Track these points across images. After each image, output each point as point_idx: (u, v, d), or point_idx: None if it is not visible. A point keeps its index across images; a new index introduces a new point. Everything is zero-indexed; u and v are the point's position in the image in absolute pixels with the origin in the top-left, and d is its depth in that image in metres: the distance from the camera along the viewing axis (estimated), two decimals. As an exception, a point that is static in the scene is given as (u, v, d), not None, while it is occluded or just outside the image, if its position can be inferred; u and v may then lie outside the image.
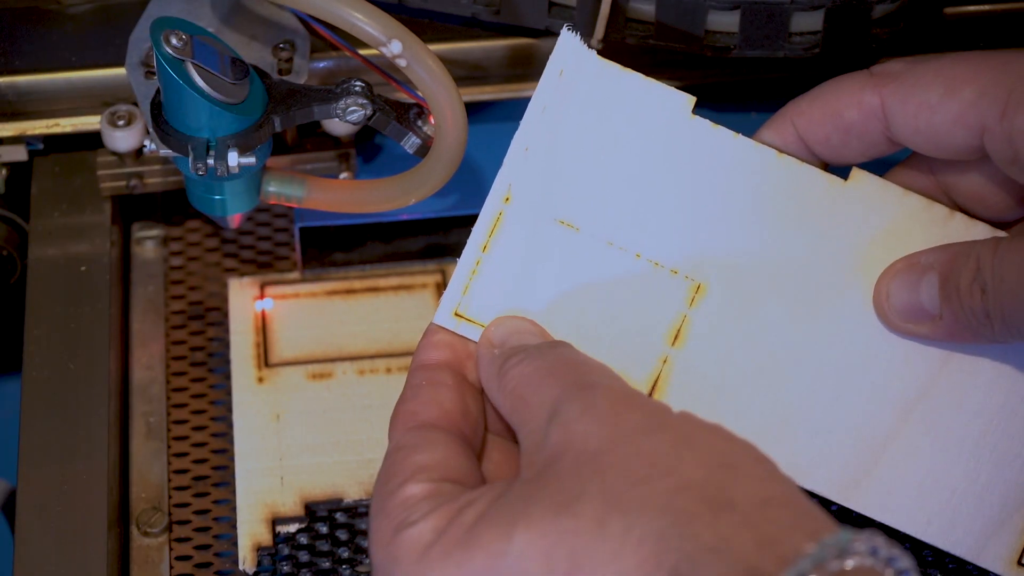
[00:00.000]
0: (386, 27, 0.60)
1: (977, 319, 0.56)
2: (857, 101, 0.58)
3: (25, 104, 0.73)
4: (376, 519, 0.53)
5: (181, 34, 0.59)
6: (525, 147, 0.59)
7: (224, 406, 0.70)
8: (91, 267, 0.72)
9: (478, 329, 0.58)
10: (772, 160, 0.59)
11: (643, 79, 0.59)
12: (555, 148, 0.59)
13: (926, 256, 0.58)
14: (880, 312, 0.59)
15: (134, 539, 0.66)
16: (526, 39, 0.74)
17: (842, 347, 0.59)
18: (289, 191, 0.65)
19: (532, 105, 0.59)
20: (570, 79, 0.59)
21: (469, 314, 0.59)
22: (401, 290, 0.74)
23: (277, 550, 0.65)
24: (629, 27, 0.70)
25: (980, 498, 0.59)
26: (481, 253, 0.59)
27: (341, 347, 0.72)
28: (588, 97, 0.59)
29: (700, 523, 0.47)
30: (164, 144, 0.62)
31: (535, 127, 0.59)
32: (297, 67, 0.68)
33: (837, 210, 0.59)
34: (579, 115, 0.59)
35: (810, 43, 0.69)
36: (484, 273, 0.59)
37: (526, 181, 0.59)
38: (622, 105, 0.59)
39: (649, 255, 0.59)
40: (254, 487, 0.67)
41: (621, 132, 0.59)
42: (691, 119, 0.59)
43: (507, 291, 0.59)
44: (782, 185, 0.59)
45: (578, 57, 0.59)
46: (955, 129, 0.56)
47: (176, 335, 0.73)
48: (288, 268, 0.75)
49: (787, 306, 0.59)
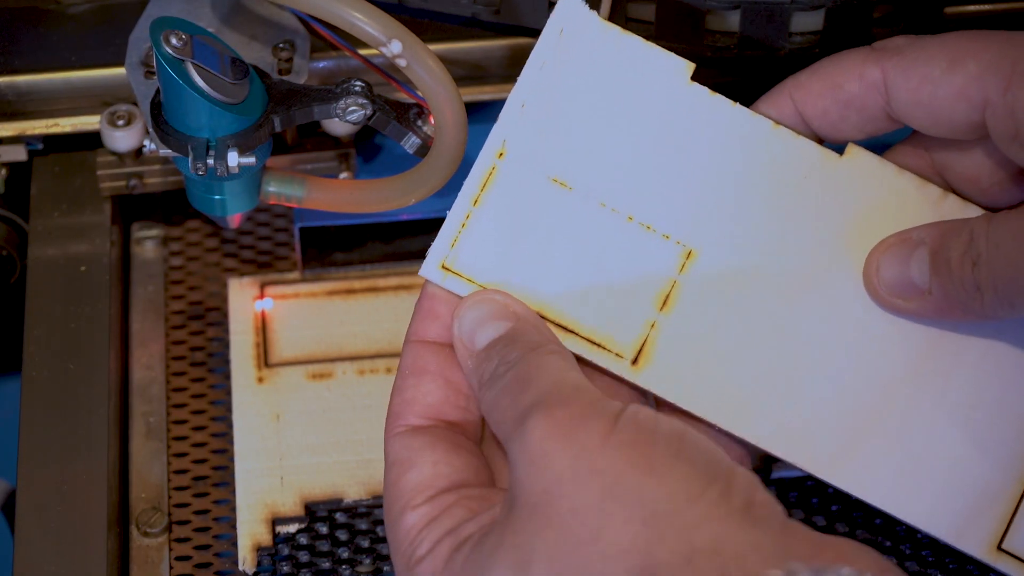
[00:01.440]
0: (386, 27, 0.60)
1: (967, 292, 0.56)
2: (858, 74, 0.58)
3: (25, 104, 0.73)
4: (392, 550, 0.55)
5: (181, 34, 0.59)
6: (521, 103, 0.58)
7: (224, 406, 0.70)
8: (91, 267, 0.72)
9: (464, 283, 0.58)
10: (768, 131, 0.59)
11: (643, 43, 0.59)
12: (551, 106, 0.58)
13: (918, 232, 0.58)
14: (869, 286, 0.58)
15: (134, 539, 0.66)
16: (526, 39, 0.74)
17: (830, 323, 0.59)
18: (289, 191, 0.65)
19: (531, 61, 0.59)
20: (570, 38, 0.58)
21: (456, 267, 0.58)
22: (401, 290, 0.74)
23: (277, 550, 0.65)
24: (629, 27, 0.70)
25: (962, 481, 0.58)
26: (472, 207, 0.58)
27: (341, 347, 0.72)
28: (587, 57, 0.59)
29: None
30: (164, 144, 0.62)
31: (532, 83, 0.58)
32: (297, 67, 0.68)
33: (830, 184, 0.59)
34: (577, 74, 0.58)
35: (810, 43, 0.69)
36: (473, 227, 0.58)
37: (521, 137, 0.58)
38: (621, 67, 0.59)
39: (642, 218, 0.59)
40: (254, 487, 0.67)
41: (619, 94, 0.59)
42: (689, 85, 0.59)
43: (496, 246, 0.58)
44: (777, 156, 0.59)
45: (579, 16, 0.58)
46: (957, 103, 0.56)
47: (176, 335, 0.73)
48: (288, 268, 0.75)
49: (777, 278, 0.59)
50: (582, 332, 0.58)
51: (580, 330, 0.58)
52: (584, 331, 0.58)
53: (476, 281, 0.58)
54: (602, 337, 0.58)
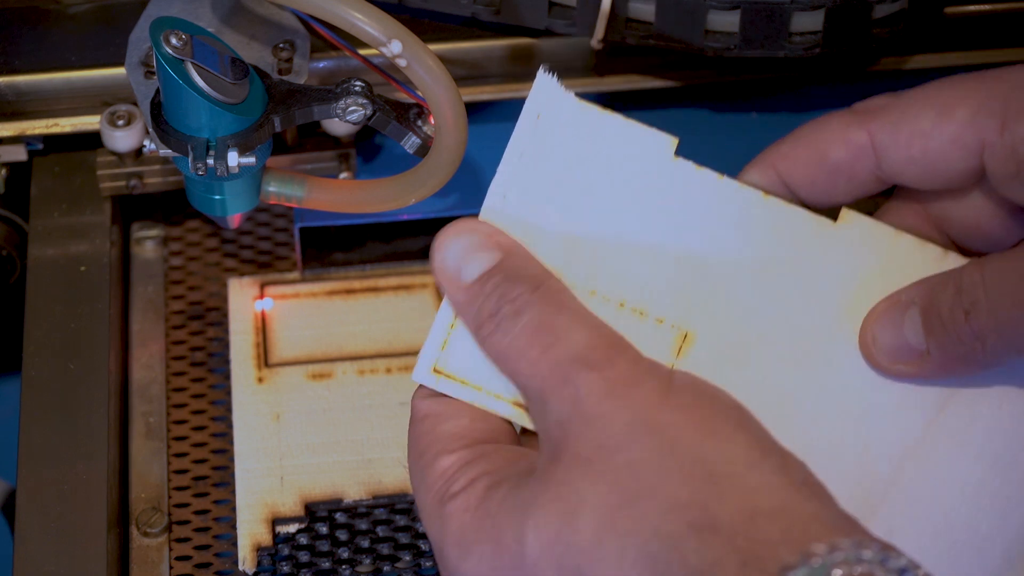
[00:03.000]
0: (386, 27, 0.60)
1: (965, 343, 0.54)
2: (843, 140, 0.56)
3: (25, 104, 0.73)
4: (420, 493, 0.54)
5: (181, 34, 0.59)
6: (503, 194, 0.56)
7: (224, 406, 0.70)
8: (91, 267, 0.72)
9: (459, 386, 0.56)
10: (758, 202, 0.57)
11: (624, 121, 0.57)
12: (533, 195, 0.56)
13: (907, 292, 0.56)
14: (868, 356, 0.57)
15: (134, 539, 0.66)
16: (526, 39, 0.74)
17: (835, 395, 0.57)
18: (289, 191, 0.65)
19: (509, 151, 0.56)
20: (547, 123, 0.56)
21: (449, 370, 0.56)
22: (401, 290, 0.74)
23: (277, 550, 0.65)
24: (629, 27, 0.70)
25: (981, 549, 0.57)
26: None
27: (341, 347, 0.72)
28: (567, 141, 0.56)
29: (687, 548, 0.47)
30: (164, 144, 0.62)
31: (513, 173, 0.56)
32: (297, 67, 0.68)
33: (827, 253, 0.57)
34: (558, 160, 0.56)
35: (810, 43, 0.69)
36: (463, 327, 0.55)
37: (505, 229, 0.56)
38: (602, 148, 0.57)
39: (634, 304, 0.56)
40: (254, 487, 0.67)
41: (602, 176, 0.57)
42: (674, 161, 0.57)
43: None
44: (769, 228, 0.57)
45: (556, 100, 0.56)
46: (952, 152, 0.55)
47: (176, 335, 0.73)
48: (288, 268, 0.75)
49: (777, 353, 0.57)
50: None
51: None
52: None
53: (469, 383, 0.56)
54: None
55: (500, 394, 0.56)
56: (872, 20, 0.69)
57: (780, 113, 0.76)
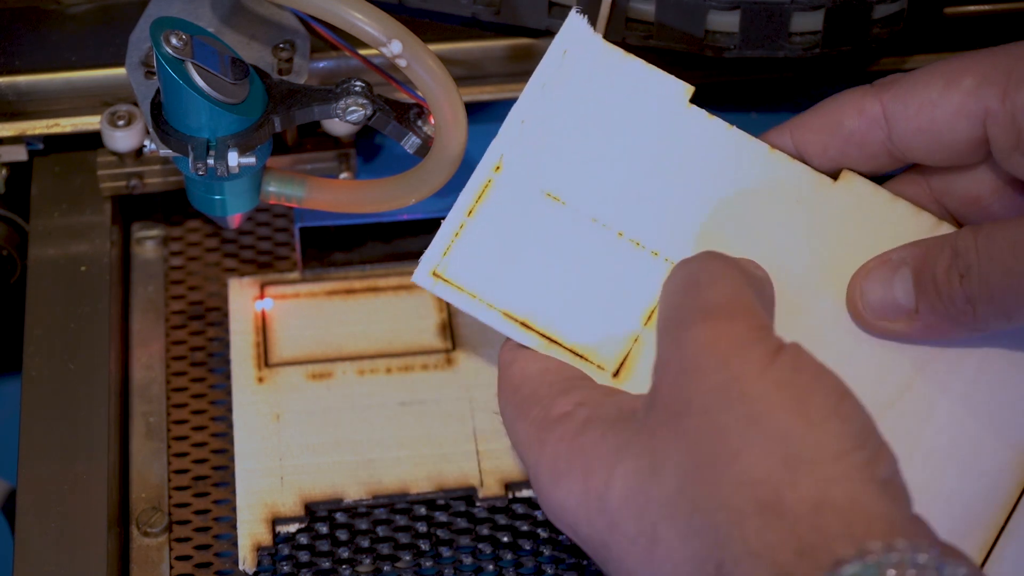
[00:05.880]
0: (386, 27, 0.60)
1: (957, 306, 0.56)
2: (858, 109, 0.58)
3: (25, 104, 0.73)
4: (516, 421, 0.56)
5: (181, 34, 0.59)
6: (521, 120, 0.59)
7: (224, 406, 0.70)
8: (91, 267, 0.72)
9: (454, 291, 0.59)
10: (763, 154, 0.60)
11: (644, 65, 0.60)
12: (550, 124, 0.59)
13: (898, 252, 0.58)
14: (854, 312, 0.58)
15: (134, 539, 0.66)
16: (526, 39, 0.74)
17: (815, 348, 0.57)
18: (289, 191, 0.65)
19: (532, 81, 0.60)
20: (573, 60, 0.60)
21: (447, 275, 0.59)
22: (401, 290, 0.74)
23: (277, 550, 0.65)
24: (629, 27, 0.70)
25: (942, 510, 0.58)
26: (466, 217, 0.59)
27: (341, 347, 0.72)
28: (588, 78, 0.60)
29: (750, 526, 0.47)
30: (164, 144, 0.62)
31: (533, 102, 0.59)
32: (297, 67, 0.68)
33: (822, 209, 0.59)
34: (578, 95, 0.59)
35: (810, 43, 0.69)
36: (466, 237, 0.59)
37: (518, 153, 0.59)
38: (621, 89, 0.60)
39: (631, 234, 0.59)
40: (254, 487, 0.67)
41: (617, 114, 0.60)
42: (687, 108, 0.60)
43: (487, 257, 0.59)
44: (770, 179, 0.59)
45: (583, 38, 0.60)
46: (957, 121, 0.57)
47: (176, 335, 0.73)
48: (288, 268, 0.75)
49: None
50: (565, 343, 0.59)
51: (564, 341, 0.58)
52: (568, 343, 0.58)
53: (465, 289, 0.59)
54: (585, 349, 0.58)
55: (492, 303, 0.59)
56: (872, 20, 0.69)
57: (780, 113, 0.76)
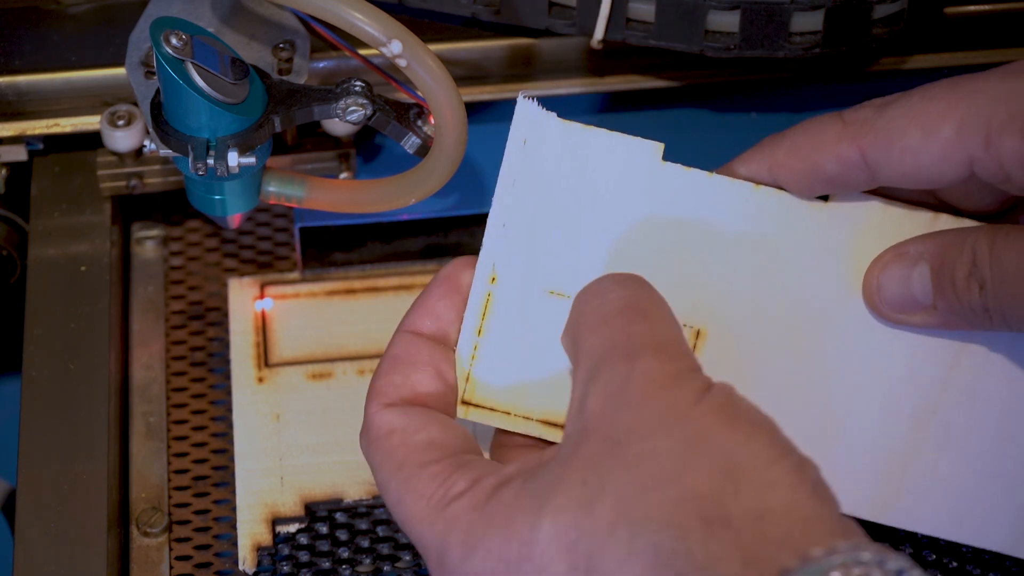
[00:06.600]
0: (386, 27, 0.60)
1: (975, 312, 0.56)
2: (836, 155, 0.57)
3: (25, 104, 0.73)
4: (406, 503, 0.54)
5: (181, 34, 0.59)
6: (502, 224, 0.57)
7: (224, 406, 0.70)
8: (91, 267, 0.72)
9: (487, 413, 0.57)
10: (750, 193, 0.58)
11: (608, 134, 0.58)
12: (532, 220, 0.58)
13: (915, 246, 0.58)
14: (871, 304, 0.58)
15: (134, 539, 0.66)
16: (526, 39, 0.74)
17: (849, 367, 0.58)
18: (289, 191, 0.65)
19: (501, 180, 0.57)
20: (535, 147, 0.57)
21: (476, 400, 0.57)
22: (401, 290, 0.74)
23: (277, 550, 0.65)
24: (629, 27, 0.70)
25: (1008, 492, 0.58)
26: (477, 338, 0.58)
27: (341, 347, 0.72)
28: (556, 162, 0.58)
29: (695, 540, 0.47)
30: (164, 144, 0.62)
31: (509, 202, 0.57)
32: (297, 67, 0.68)
33: (822, 231, 0.58)
34: (550, 182, 0.58)
35: (810, 43, 0.69)
36: (483, 358, 0.57)
37: (509, 259, 0.57)
38: (591, 163, 0.58)
39: None
40: (254, 487, 0.67)
41: (594, 190, 0.58)
42: (663, 166, 0.58)
43: (509, 371, 0.57)
44: (764, 215, 0.58)
45: (538, 122, 0.57)
46: (942, 165, 0.56)
47: (176, 335, 0.73)
48: (288, 268, 0.75)
49: (789, 336, 0.58)
50: None
51: None
52: None
53: (498, 409, 0.57)
54: None
55: (529, 415, 0.57)
56: (872, 20, 0.69)
57: (780, 113, 0.76)
